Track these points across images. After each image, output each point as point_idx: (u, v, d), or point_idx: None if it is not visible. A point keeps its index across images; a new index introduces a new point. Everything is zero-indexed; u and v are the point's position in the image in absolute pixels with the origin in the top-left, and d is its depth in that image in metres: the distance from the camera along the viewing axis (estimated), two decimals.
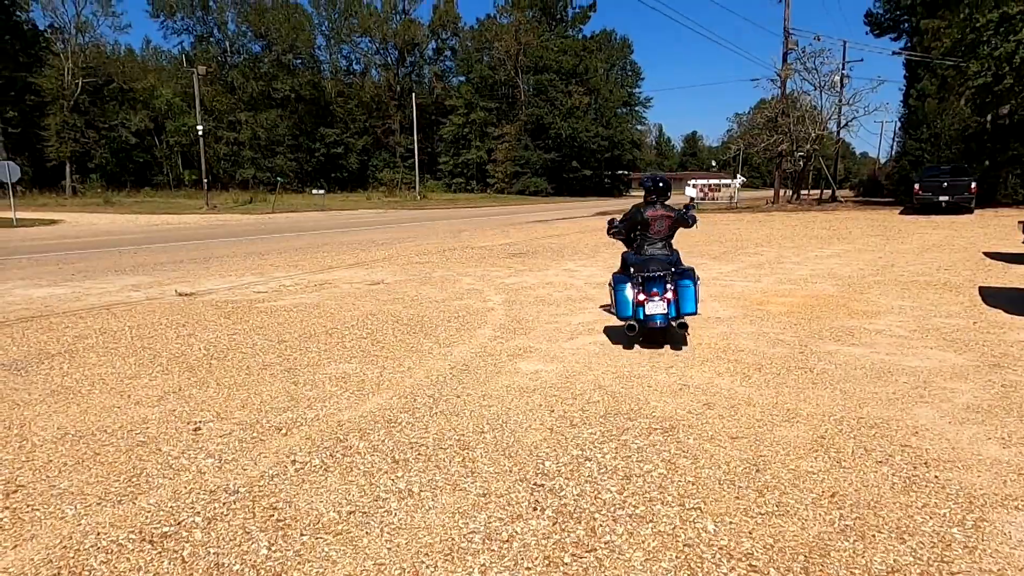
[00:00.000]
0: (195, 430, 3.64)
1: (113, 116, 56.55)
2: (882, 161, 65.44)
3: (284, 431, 3.61)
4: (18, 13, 52.65)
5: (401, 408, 3.96)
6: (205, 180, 38.58)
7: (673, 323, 5.24)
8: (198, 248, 14.99)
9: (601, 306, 7.38)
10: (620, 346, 5.38)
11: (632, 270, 5.36)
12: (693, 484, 2.94)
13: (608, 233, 6.19)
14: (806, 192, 38.75)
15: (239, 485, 2.98)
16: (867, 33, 42.35)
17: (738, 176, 37.47)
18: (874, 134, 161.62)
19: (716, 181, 35.68)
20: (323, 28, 73.64)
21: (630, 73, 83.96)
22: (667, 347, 5.32)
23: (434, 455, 3.28)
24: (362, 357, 5.18)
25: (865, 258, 11.32)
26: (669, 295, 5.21)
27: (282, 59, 66.74)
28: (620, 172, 79.18)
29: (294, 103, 67.11)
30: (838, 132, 34.01)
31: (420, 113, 60.42)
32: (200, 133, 37.09)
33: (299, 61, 69.56)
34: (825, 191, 38.59)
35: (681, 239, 6.21)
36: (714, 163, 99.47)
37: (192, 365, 5.01)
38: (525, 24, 67.58)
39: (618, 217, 6.08)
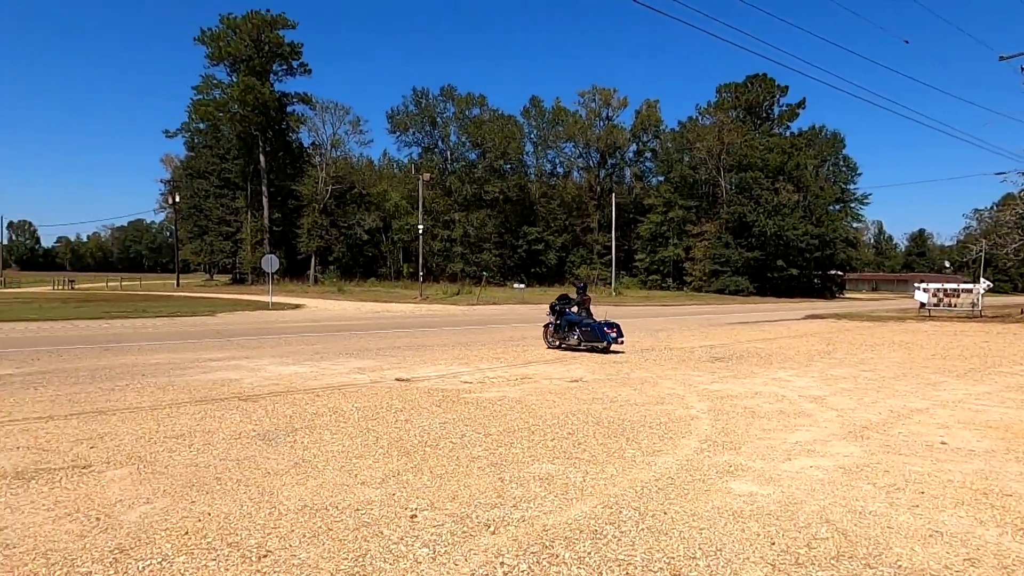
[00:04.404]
0: (412, 517, 3.85)
1: (352, 216, 65.85)
2: None
3: (492, 529, 3.68)
4: (290, 135, 64.77)
5: (606, 519, 3.85)
6: (421, 273, 42.63)
7: (617, 343, 12.44)
8: (412, 335, 16.38)
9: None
10: (840, 469, 4.79)
11: (581, 322, 12.84)
12: None
13: (551, 307, 13.43)
14: None
15: None
16: None
17: (982, 280, 32.68)
18: None
19: (953, 286, 31.17)
20: (531, 136, 79.84)
21: (844, 168, 79.29)
22: (908, 484, 4.65)
23: None
24: (564, 458, 5.18)
25: None
26: (615, 331, 12.37)
27: (494, 165, 73.18)
28: (832, 272, 73.36)
29: (501, 204, 72.70)
30: None
31: (618, 212, 62.03)
32: (420, 231, 41.40)
33: (508, 166, 75.69)
34: None
35: (914, 352, 5.68)
36: (947, 264, 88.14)
37: (408, 450, 5.37)
38: (728, 124, 67.29)
39: (556, 302, 13.49)
